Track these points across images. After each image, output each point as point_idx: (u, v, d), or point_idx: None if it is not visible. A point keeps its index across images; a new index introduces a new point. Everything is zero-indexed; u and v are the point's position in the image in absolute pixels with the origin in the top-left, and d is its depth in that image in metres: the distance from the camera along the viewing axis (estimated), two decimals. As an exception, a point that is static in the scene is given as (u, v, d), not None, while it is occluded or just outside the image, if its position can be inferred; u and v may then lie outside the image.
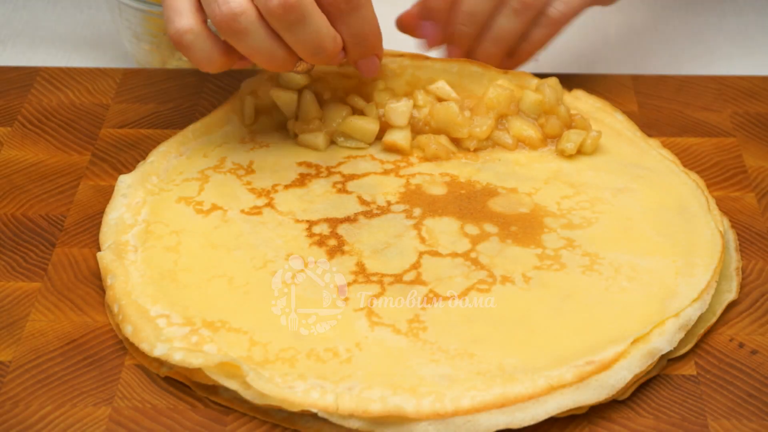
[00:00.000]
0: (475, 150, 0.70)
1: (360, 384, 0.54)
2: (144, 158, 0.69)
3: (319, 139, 0.70)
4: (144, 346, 0.56)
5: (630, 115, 0.74)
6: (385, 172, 0.69)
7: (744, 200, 0.69)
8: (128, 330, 0.58)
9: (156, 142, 0.71)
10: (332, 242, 0.63)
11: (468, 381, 0.54)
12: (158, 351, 0.56)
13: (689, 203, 0.65)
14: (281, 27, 0.61)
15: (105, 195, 0.68)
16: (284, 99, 0.71)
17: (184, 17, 0.62)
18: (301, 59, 0.64)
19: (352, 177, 0.68)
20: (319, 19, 0.62)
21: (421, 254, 0.62)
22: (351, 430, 0.53)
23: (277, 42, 0.62)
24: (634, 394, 0.56)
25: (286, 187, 0.67)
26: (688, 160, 0.71)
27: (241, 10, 0.60)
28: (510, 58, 0.74)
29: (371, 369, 0.55)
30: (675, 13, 0.94)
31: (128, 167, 0.70)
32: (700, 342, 0.59)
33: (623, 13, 0.94)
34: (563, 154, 0.69)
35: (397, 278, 0.61)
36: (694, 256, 0.61)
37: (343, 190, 0.67)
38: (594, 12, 0.88)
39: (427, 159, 0.69)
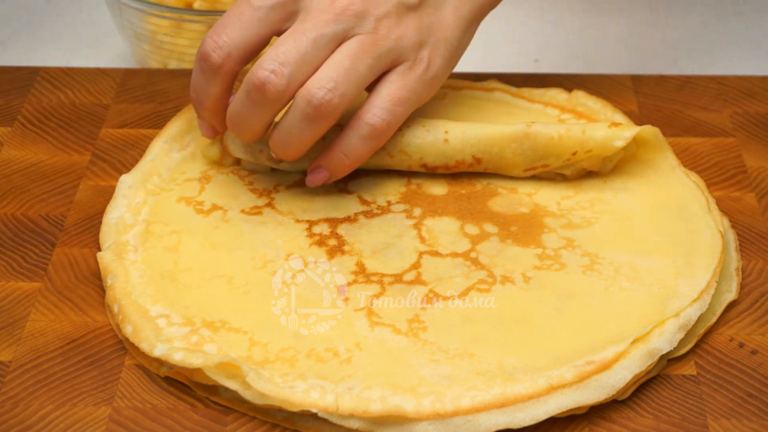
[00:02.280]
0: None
1: (360, 384, 0.54)
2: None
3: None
4: (144, 346, 0.56)
5: (630, 116, 0.74)
6: (386, 172, 0.69)
7: (744, 200, 0.69)
8: (128, 330, 0.58)
9: (156, 142, 0.71)
10: (332, 242, 0.63)
11: (468, 381, 0.54)
12: (158, 351, 0.56)
13: (689, 203, 0.65)
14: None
15: (105, 195, 0.68)
16: None
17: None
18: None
19: (352, 176, 0.68)
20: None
21: (421, 254, 0.62)
22: (351, 430, 0.53)
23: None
24: (634, 394, 0.56)
25: (288, 187, 0.67)
26: (688, 160, 0.71)
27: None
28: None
29: (371, 369, 0.55)
30: (675, 13, 0.94)
31: (128, 167, 0.70)
32: (700, 342, 0.59)
33: (623, 13, 0.94)
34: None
35: (397, 278, 0.61)
36: (694, 256, 0.61)
37: (343, 190, 0.67)
38: (594, 12, 0.88)
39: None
